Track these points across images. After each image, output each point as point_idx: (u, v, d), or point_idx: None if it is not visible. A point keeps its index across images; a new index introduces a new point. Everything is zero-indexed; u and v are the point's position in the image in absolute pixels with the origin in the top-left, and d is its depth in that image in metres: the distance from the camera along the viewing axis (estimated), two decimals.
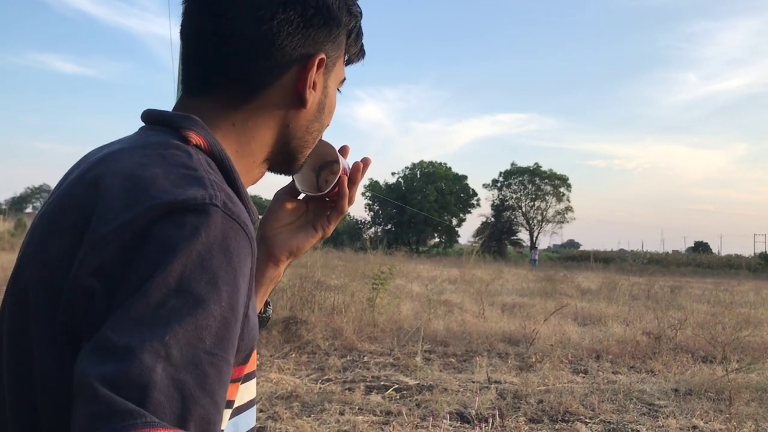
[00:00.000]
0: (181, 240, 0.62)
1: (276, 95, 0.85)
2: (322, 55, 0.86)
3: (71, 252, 0.65)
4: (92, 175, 0.71)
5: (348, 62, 0.96)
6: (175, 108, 0.87)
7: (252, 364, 0.82)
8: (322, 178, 1.04)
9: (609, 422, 5.35)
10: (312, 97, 0.87)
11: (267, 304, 1.09)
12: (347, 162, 1.06)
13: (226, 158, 0.78)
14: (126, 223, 0.63)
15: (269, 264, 1.04)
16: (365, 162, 1.07)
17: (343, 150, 1.07)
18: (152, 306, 0.58)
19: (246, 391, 0.83)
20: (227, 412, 0.71)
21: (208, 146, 0.77)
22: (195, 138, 0.77)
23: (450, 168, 66.02)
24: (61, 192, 0.74)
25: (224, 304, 0.62)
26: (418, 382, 6.38)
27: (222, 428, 0.66)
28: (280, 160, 0.91)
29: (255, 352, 0.82)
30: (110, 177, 0.69)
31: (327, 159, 1.03)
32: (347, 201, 1.05)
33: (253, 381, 0.86)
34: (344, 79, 0.97)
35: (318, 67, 0.86)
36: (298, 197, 1.06)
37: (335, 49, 0.89)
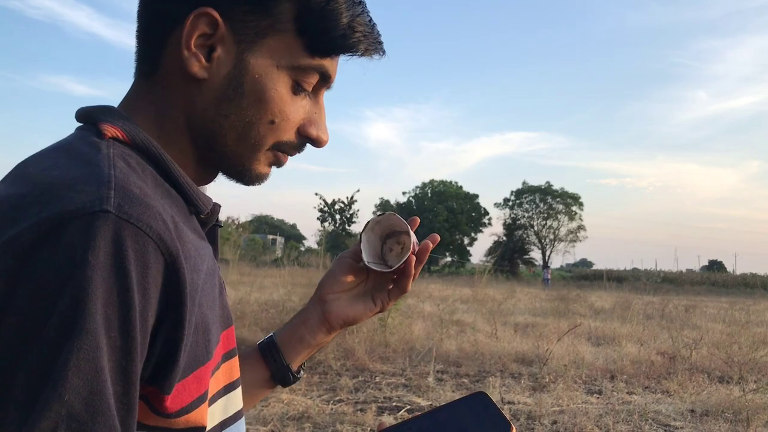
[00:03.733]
0: (61, 273, 0.55)
1: (171, 66, 0.74)
2: (206, 11, 0.72)
3: None
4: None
5: (346, 49, 0.78)
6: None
7: (225, 377, 0.76)
8: (387, 247, 1.02)
9: None
10: (205, 69, 0.73)
11: (302, 366, 1.06)
12: (415, 237, 1.01)
13: (153, 146, 0.71)
14: (5, 244, 0.57)
15: (321, 329, 1.02)
16: (433, 240, 1.02)
17: (412, 222, 1.03)
18: (38, 361, 0.53)
19: (230, 404, 0.77)
20: None
21: (127, 136, 0.69)
22: (110, 130, 0.69)
23: (461, 187, 65.98)
24: None
25: (118, 334, 0.56)
26: (430, 402, 6.33)
27: None
28: (211, 156, 0.78)
29: (235, 360, 0.79)
30: (6, 185, 0.64)
31: (396, 229, 1.00)
32: (411, 280, 1.01)
33: (236, 392, 0.79)
34: (324, 73, 0.79)
35: (210, 30, 0.73)
36: (361, 264, 1.01)
37: (253, 12, 0.73)
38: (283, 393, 6.24)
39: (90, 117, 0.73)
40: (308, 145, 0.83)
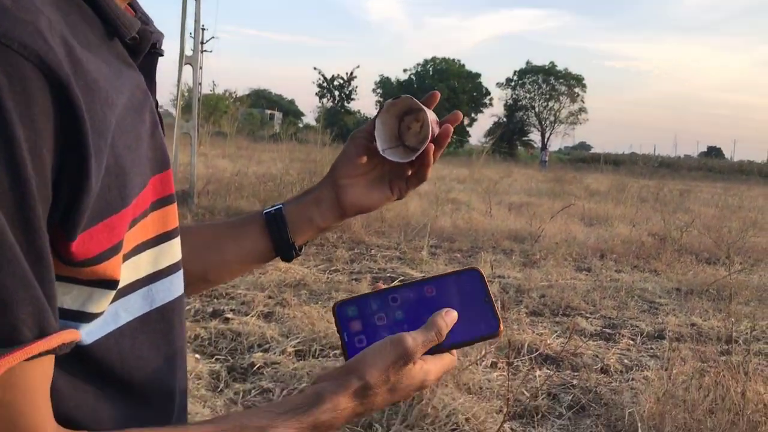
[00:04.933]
0: None
1: None
2: None
3: None
4: None
5: None
6: None
7: (156, 226, 0.68)
8: (405, 125, 0.95)
9: (609, 317, 5.48)
10: None
11: (305, 243, 1.00)
12: (433, 115, 0.95)
13: None
14: None
15: (334, 213, 0.97)
16: (455, 120, 0.96)
17: (433, 97, 0.96)
18: None
19: (163, 256, 0.69)
20: (106, 293, 0.60)
21: None
22: None
23: (463, 65, 64.74)
24: None
25: (4, 176, 0.49)
26: (423, 274, 6.50)
27: (98, 310, 0.60)
28: None
29: (170, 208, 0.70)
30: None
31: (413, 106, 0.93)
32: (431, 168, 0.95)
33: (171, 243, 0.70)
34: None
35: None
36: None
37: None
38: (280, 262, 6.39)
39: None
40: None
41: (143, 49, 0.67)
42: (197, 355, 3.95)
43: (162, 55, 0.72)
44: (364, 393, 0.71)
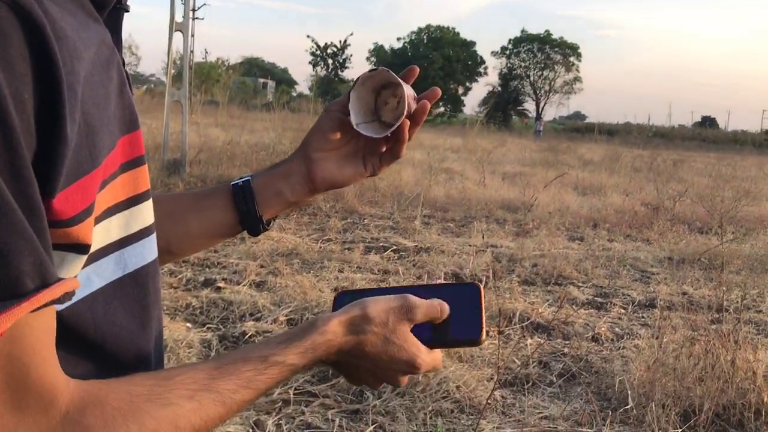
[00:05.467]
0: None
1: None
2: None
3: None
4: None
5: None
6: None
7: (126, 189, 0.65)
8: (382, 100, 0.91)
9: (600, 287, 5.49)
10: None
11: (275, 217, 0.97)
12: (411, 90, 0.91)
13: None
14: None
15: (304, 188, 0.93)
16: (432, 96, 0.92)
17: (411, 72, 0.93)
18: None
19: (134, 220, 0.67)
20: (78, 257, 0.58)
21: None
22: None
23: (458, 33, 64.09)
24: None
25: None
26: (416, 244, 6.50)
27: (70, 275, 0.57)
28: None
29: (141, 170, 0.67)
30: None
31: (390, 80, 0.90)
32: (405, 145, 0.91)
33: (142, 207, 0.68)
34: None
35: None
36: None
37: None
38: (273, 231, 6.38)
39: None
40: None
41: (108, 3, 0.65)
42: (188, 324, 3.95)
43: (128, 11, 0.70)
44: (361, 324, 0.72)
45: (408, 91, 0.89)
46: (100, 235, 0.61)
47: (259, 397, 0.67)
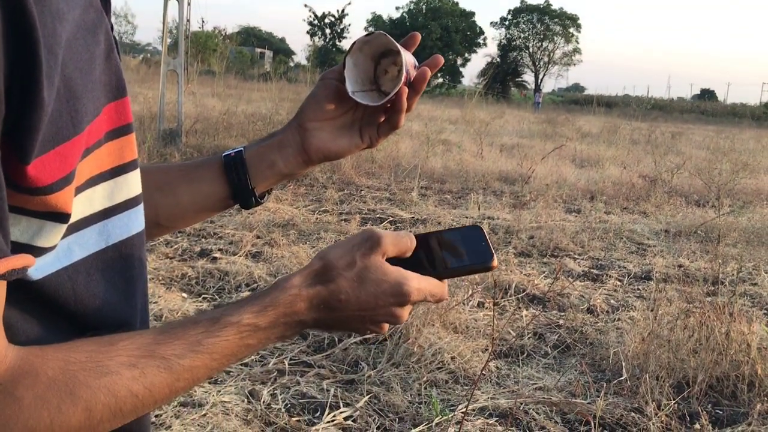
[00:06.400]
0: None
1: None
2: None
3: None
4: None
5: None
6: None
7: (111, 158, 0.63)
8: (381, 68, 0.87)
9: (597, 258, 5.50)
10: None
11: (268, 191, 0.94)
12: (412, 58, 0.86)
13: None
14: None
15: (298, 159, 0.89)
16: (434, 64, 0.88)
17: (412, 39, 0.88)
18: None
19: (119, 190, 0.65)
20: (57, 226, 0.56)
21: None
22: None
23: (457, 3, 63.42)
24: None
25: None
26: (413, 215, 6.49)
27: (48, 244, 0.55)
28: None
29: (128, 139, 0.65)
30: None
31: (389, 47, 0.85)
32: (404, 115, 0.87)
33: (129, 176, 0.66)
34: None
35: None
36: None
37: None
38: (270, 202, 6.36)
39: None
40: None
41: None
42: (184, 294, 3.95)
43: None
44: (325, 273, 0.68)
45: (408, 58, 0.85)
46: (82, 204, 0.59)
47: (221, 363, 0.63)
